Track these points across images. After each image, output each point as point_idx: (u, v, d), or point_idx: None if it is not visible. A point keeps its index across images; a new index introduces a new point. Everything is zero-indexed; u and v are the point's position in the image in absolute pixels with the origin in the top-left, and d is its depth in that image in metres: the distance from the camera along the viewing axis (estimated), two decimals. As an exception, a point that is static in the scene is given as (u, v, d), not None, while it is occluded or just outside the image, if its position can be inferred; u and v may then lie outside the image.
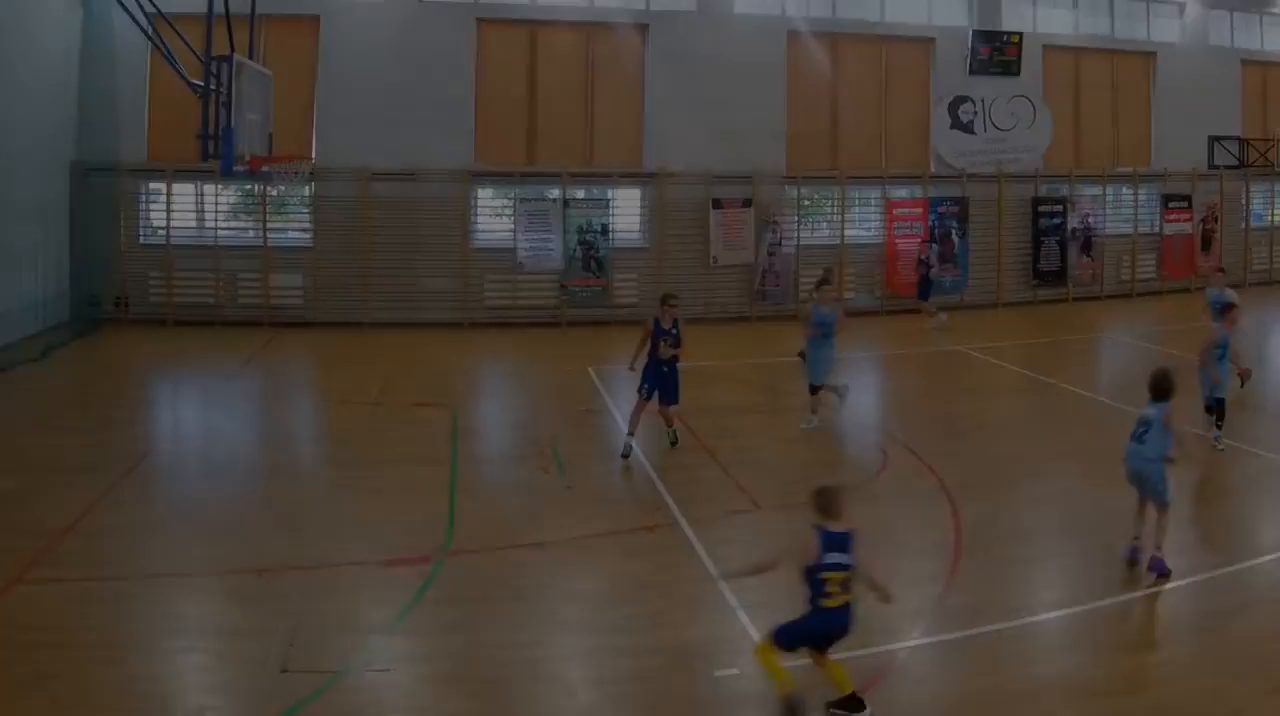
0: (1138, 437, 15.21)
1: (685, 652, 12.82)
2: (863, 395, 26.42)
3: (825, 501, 11.43)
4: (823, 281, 26.35)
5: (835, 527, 11.26)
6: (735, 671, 12.22)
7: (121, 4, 25.62)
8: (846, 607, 11.16)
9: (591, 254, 38.28)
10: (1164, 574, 14.65)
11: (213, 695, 11.80)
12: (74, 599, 13.85)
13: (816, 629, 11.21)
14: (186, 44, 26.24)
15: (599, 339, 32.92)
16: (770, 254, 39.64)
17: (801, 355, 25.70)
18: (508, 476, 20.68)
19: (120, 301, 35.80)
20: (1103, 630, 13.60)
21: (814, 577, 11.09)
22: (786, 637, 11.27)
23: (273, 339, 34.38)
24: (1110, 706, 11.61)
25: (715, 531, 16.75)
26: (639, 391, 21.29)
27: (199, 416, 25.60)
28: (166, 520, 17.16)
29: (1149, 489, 15.14)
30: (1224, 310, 22.40)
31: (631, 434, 20.97)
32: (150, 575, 14.24)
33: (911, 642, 13.00)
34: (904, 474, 20.14)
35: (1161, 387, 15.28)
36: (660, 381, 21.32)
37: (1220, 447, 21.08)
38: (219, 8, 25.35)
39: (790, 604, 11.45)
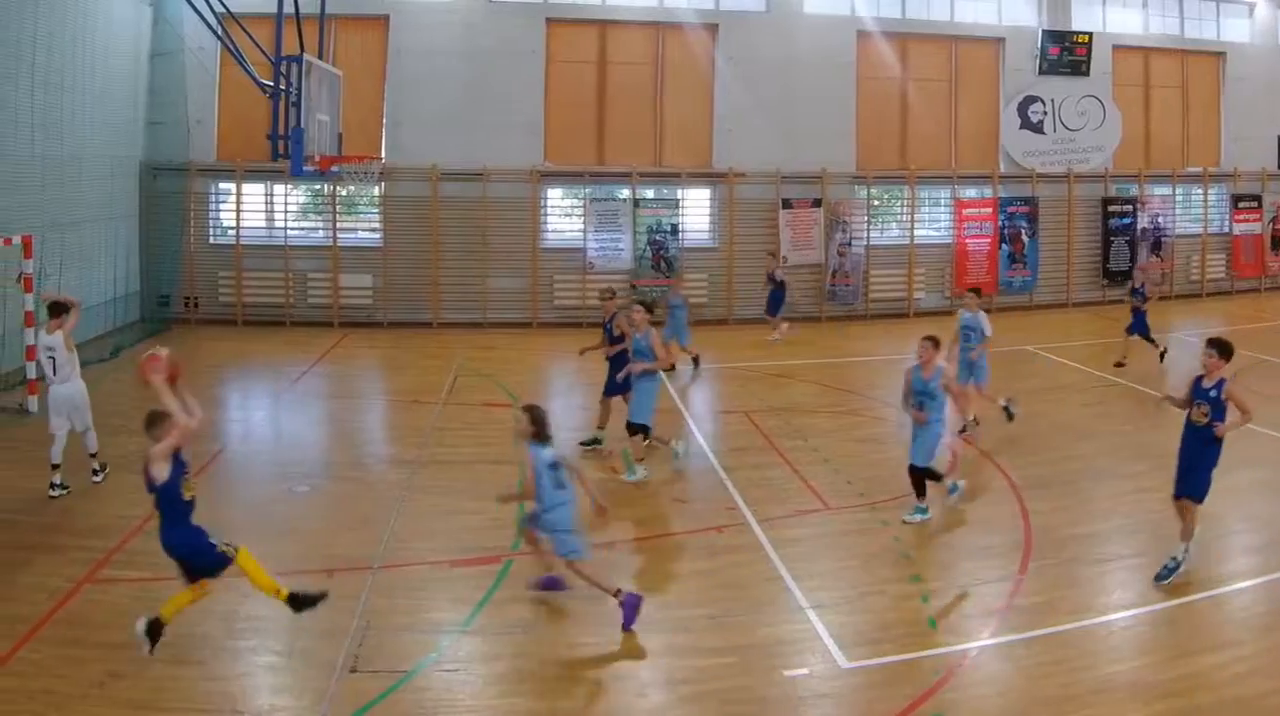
0: None
1: (755, 652, 12.61)
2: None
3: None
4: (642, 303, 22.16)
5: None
6: (805, 671, 12.12)
7: (191, 4, 24.75)
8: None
9: (661, 253, 36.90)
10: None
11: (282, 695, 11.61)
12: (143, 599, 13.32)
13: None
14: (256, 44, 25.64)
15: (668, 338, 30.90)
16: (840, 254, 38.12)
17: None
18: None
19: (190, 301, 34.84)
20: (1171, 630, 13.34)
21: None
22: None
23: (342, 339, 33.47)
24: (1177, 706, 11.35)
25: (785, 531, 16.47)
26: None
27: (269, 416, 24.76)
28: (236, 520, 16.25)
29: None
30: None
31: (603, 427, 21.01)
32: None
33: (980, 642, 12.80)
34: (972, 474, 19.32)
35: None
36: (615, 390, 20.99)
37: None
38: (289, 8, 24.73)
39: (861, 602, 12.74)
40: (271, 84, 24.21)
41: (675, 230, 37.17)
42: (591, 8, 37.39)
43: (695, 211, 38.43)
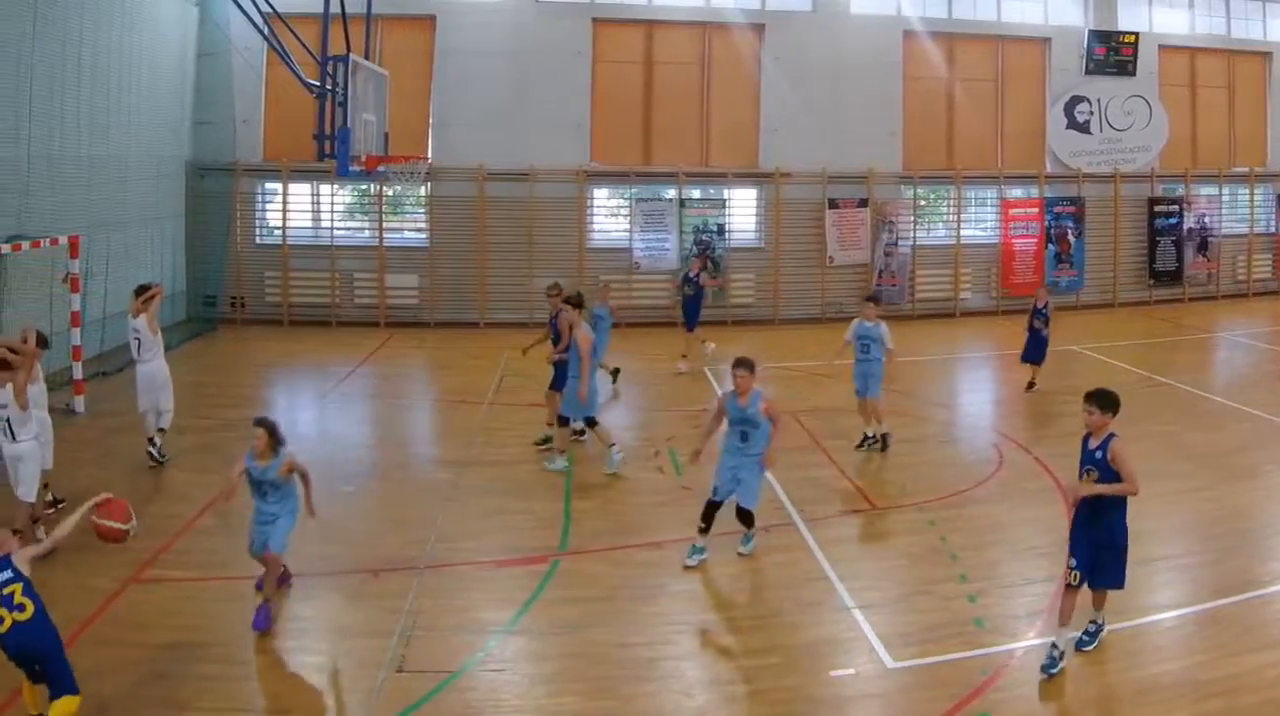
0: None
1: (801, 652, 12.43)
2: (977, 395, 25.47)
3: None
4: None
5: None
6: (851, 671, 11.97)
7: (238, 4, 24.11)
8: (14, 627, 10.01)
9: (707, 254, 35.72)
10: None
11: (328, 695, 11.49)
12: (189, 598, 13.48)
13: None
14: (302, 44, 25.07)
15: (715, 338, 30.44)
16: (886, 254, 37.08)
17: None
18: (624, 477, 19.25)
19: (236, 301, 34.05)
20: (1216, 630, 12.90)
21: None
22: None
23: (389, 339, 32.75)
24: (1222, 706, 11.10)
25: (831, 531, 16.27)
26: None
27: (315, 416, 24.10)
28: None
29: None
30: None
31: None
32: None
33: (1026, 643, 12.54)
34: (1018, 474, 19.20)
35: None
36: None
37: None
38: (335, 8, 24.21)
39: (907, 602, 12.83)
40: (318, 84, 23.66)
41: (721, 230, 36.27)
42: (638, 8, 36.46)
43: (741, 212, 37.46)
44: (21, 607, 10.08)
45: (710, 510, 15.06)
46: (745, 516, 15.29)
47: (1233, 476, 18.05)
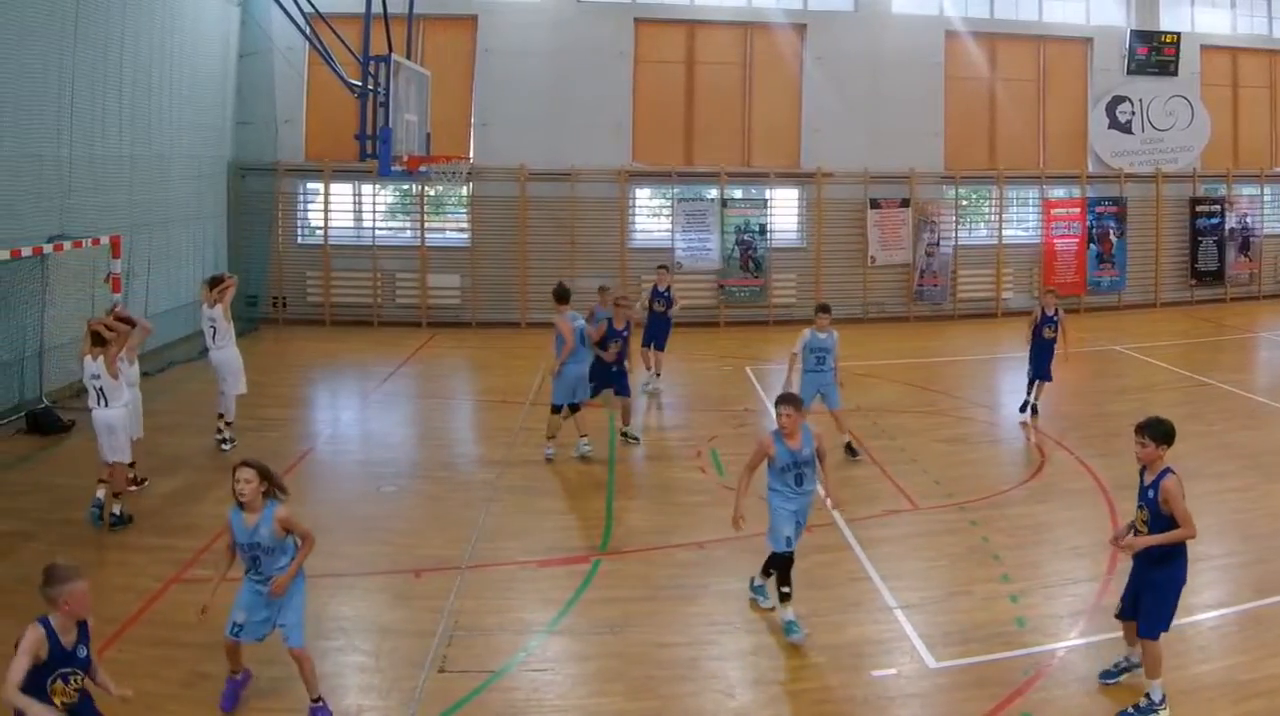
0: None
1: (843, 652, 12.16)
2: (1019, 395, 24.16)
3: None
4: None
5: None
6: (893, 671, 11.71)
7: (280, 4, 23.64)
8: None
9: (749, 254, 35.13)
10: None
11: (370, 695, 11.25)
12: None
13: None
14: (344, 44, 24.77)
15: (757, 339, 30.54)
16: (928, 254, 36.22)
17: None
18: (665, 476, 19.19)
19: (278, 301, 33.41)
20: (1259, 630, 12.57)
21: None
22: None
23: (430, 339, 32.23)
24: (1266, 706, 10.84)
25: (873, 531, 15.92)
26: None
27: (356, 416, 23.76)
28: (324, 519, 15.40)
29: None
30: None
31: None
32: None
33: (1068, 643, 12.30)
34: (1061, 474, 18.84)
35: None
36: (610, 378, 20.49)
37: None
38: (376, 8, 23.55)
39: (949, 602, 12.88)
40: (359, 84, 23.14)
41: (763, 230, 35.40)
42: (680, 8, 35.64)
43: (783, 211, 36.57)
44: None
45: (788, 566, 12.79)
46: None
47: (1275, 476, 17.85)
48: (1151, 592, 10.81)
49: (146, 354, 24.56)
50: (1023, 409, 22.83)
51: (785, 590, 12.74)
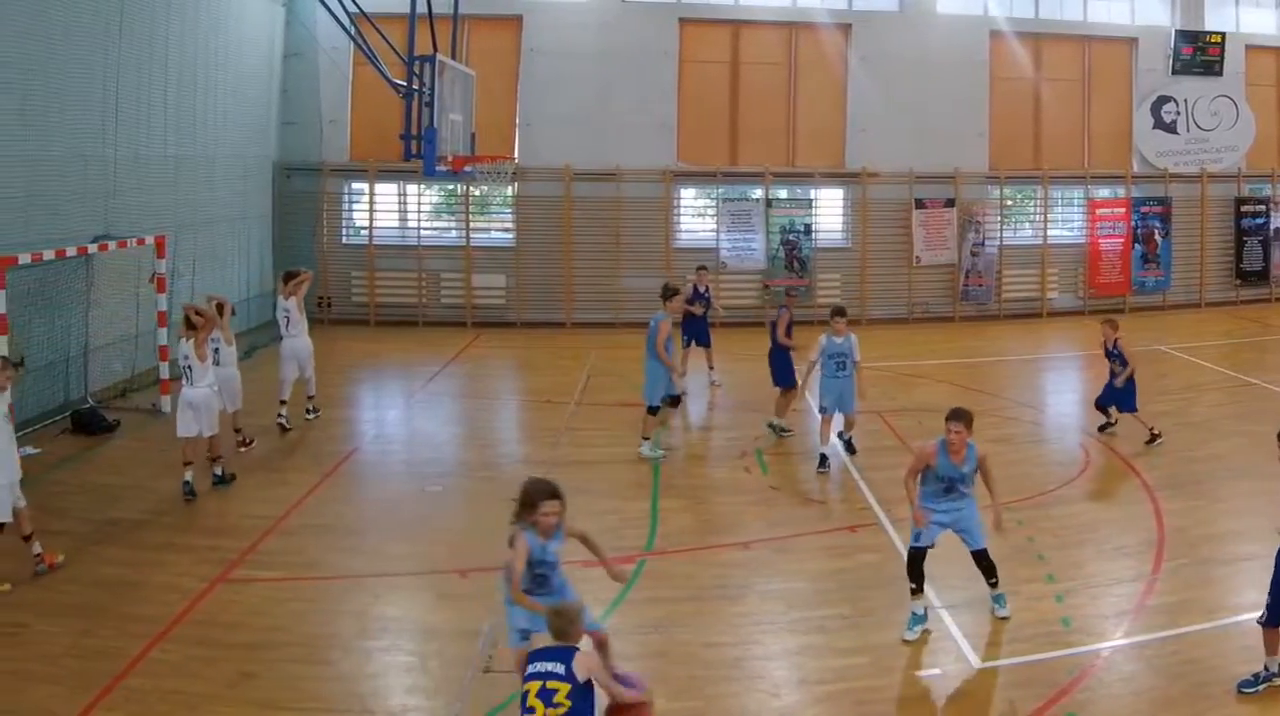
0: None
1: (888, 652, 11.91)
2: (1065, 395, 24.82)
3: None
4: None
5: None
6: (937, 671, 11.49)
7: (325, 4, 23.58)
8: None
9: (794, 254, 34.23)
10: None
11: (415, 695, 11.11)
12: (276, 598, 13.10)
13: None
14: (389, 44, 24.45)
15: (802, 339, 28.40)
16: (973, 254, 35.20)
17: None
18: (711, 476, 18.93)
19: (323, 301, 32.38)
20: None
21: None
22: None
23: (475, 339, 31.62)
24: None
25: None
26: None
27: (401, 415, 23.39)
28: (369, 519, 16.21)
29: None
30: None
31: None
32: (352, 575, 13.38)
33: (1113, 642, 12.04)
34: (1106, 474, 18.66)
35: None
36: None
37: None
38: (421, 7, 23.42)
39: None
40: (405, 84, 22.97)
41: (808, 230, 34.46)
42: (724, 8, 34.71)
43: (828, 211, 35.66)
44: (558, 705, 8.49)
45: (914, 561, 12.66)
46: (984, 561, 12.90)
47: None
48: None
49: None
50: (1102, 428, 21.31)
51: (913, 586, 12.53)
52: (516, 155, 32.78)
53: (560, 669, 8.66)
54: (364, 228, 34.05)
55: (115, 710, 10.44)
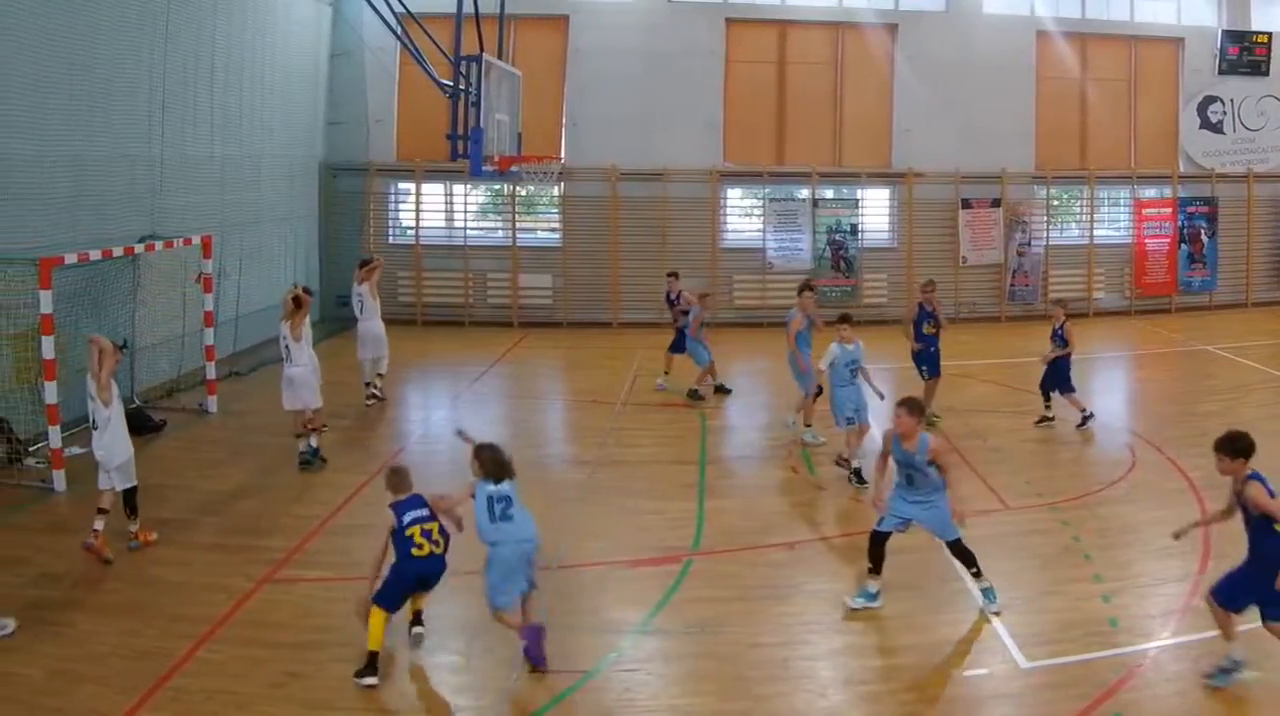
0: None
1: (934, 652, 11.66)
2: (1110, 395, 24.26)
3: (393, 481, 11.73)
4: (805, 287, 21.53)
5: (403, 497, 11.51)
6: (984, 671, 11.22)
7: (371, 4, 23.22)
8: (432, 556, 11.31)
9: (841, 254, 33.38)
10: None
11: (463, 695, 10.96)
12: (323, 598, 12.97)
13: (408, 577, 11.28)
14: (436, 44, 23.90)
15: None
16: (1019, 254, 34.22)
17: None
18: (757, 476, 18.53)
19: None
20: None
21: (400, 538, 11.22)
22: (387, 599, 11.16)
23: (522, 339, 31.04)
24: None
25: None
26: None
27: (448, 415, 22.72)
28: None
29: None
30: None
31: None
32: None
33: (1160, 643, 11.76)
34: (1152, 473, 18.05)
35: None
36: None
37: None
38: (468, 8, 23.07)
39: (1041, 602, 12.62)
40: (451, 84, 22.57)
41: (855, 230, 33.62)
42: (771, 8, 33.82)
43: (874, 211, 34.77)
44: (437, 541, 11.37)
45: (872, 545, 13.03)
46: (960, 552, 12.91)
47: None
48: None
49: (239, 354, 26.01)
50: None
51: (870, 566, 12.81)
52: (563, 155, 32.09)
53: (425, 511, 11.39)
54: (410, 228, 33.50)
55: (162, 710, 10.30)
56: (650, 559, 14.39)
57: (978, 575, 12.68)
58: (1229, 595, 10.75)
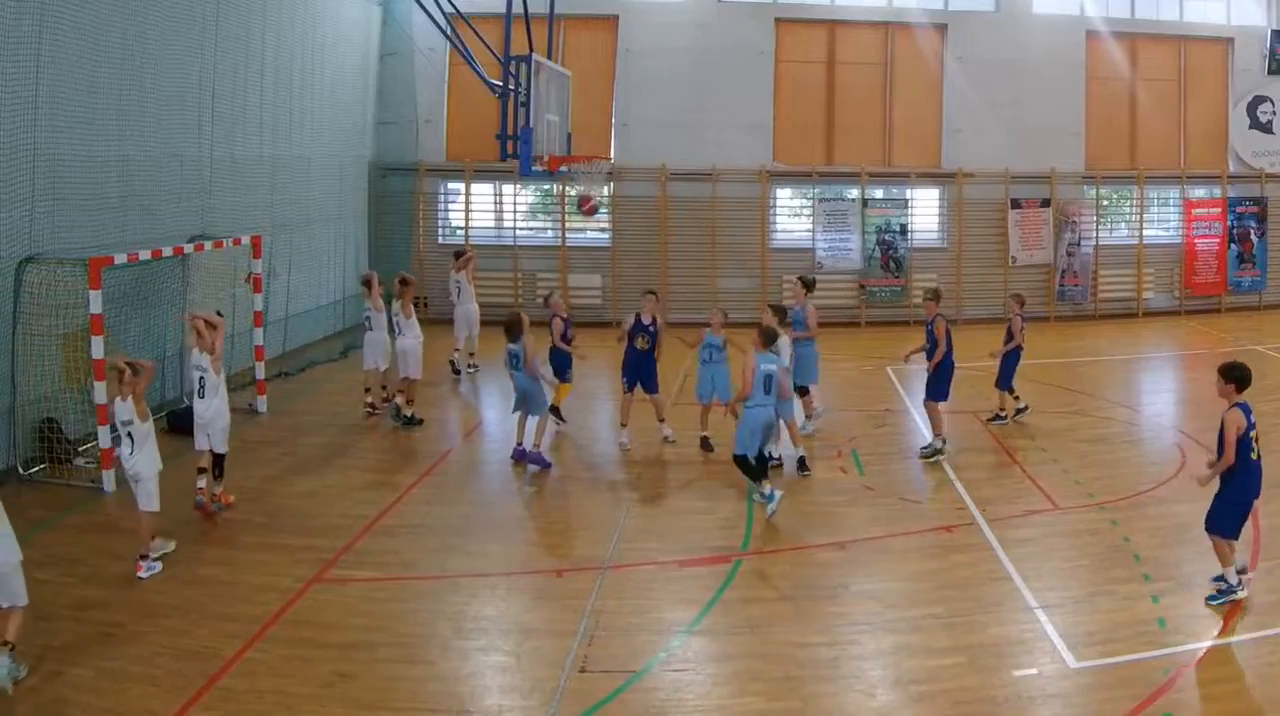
0: None
1: (984, 652, 11.31)
2: (1160, 395, 24.13)
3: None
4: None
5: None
6: (1034, 671, 10.88)
7: (421, 4, 22.82)
8: None
9: (890, 254, 32.16)
10: None
11: (511, 695, 10.60)
12: (371, 598, 12.67)
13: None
14: (485, 44, 23.44)
15: (898, 339, 27.72)
16: (1069, 254, 32.94)
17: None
18: (806, 476, 17.73)
19: (420, 301, 29.82)
20: None
21: None
22: None
23: (571, 338, 29.40)
24: None
25: (1014, 531, 14.96)
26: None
27: (497, 415, 22.33)
28: (465, 519, 15.59)
29: None
30: None
31: (624, 426, 19.15)
32: (448, 575, 13.05)
33: (1210, 642, 11.32)
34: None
35: None
36: (638, 374, 19.22)
37: None
38: (518, 8, 22.59)
39: (1090, 602, 12.37)
40: (500, 84, 22.16)
41: (904, 230, 32.43)
42: (821, 8, 32.64)
43: (924, 211, 33.58)
44: None
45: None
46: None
47: None
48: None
49: (288, 354, 25.66)
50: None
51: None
52: (613, 155, 31.56)
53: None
54: (460, 227, 32.61)
55: (212, 710, 10.07)
56: (699, 558, 14.07)
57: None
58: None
